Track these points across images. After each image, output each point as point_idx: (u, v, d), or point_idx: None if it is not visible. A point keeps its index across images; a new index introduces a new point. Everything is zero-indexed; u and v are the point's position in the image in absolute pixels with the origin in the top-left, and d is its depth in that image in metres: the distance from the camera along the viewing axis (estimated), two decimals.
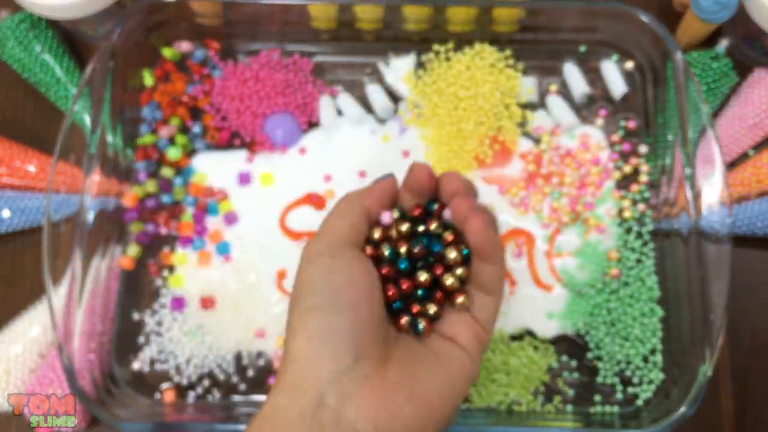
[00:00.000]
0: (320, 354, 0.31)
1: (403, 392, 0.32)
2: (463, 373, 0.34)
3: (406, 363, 0.33)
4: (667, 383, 0.50)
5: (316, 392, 0.30)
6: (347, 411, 0.30)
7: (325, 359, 0.31)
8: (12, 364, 0.51)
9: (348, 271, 0.34)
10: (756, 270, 0.55)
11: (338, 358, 0.31)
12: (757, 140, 0.56)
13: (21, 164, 0.55)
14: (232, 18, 0.56)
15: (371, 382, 0.31)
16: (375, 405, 0.31)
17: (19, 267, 0.55)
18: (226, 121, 0.56)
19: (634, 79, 0.57)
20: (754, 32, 0.55)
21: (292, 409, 0.30)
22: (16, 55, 0.56)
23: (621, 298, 0.51)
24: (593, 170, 0.54)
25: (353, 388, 0.31)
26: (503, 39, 0.58)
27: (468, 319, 0.36)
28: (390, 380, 0.32)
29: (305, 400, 0.30)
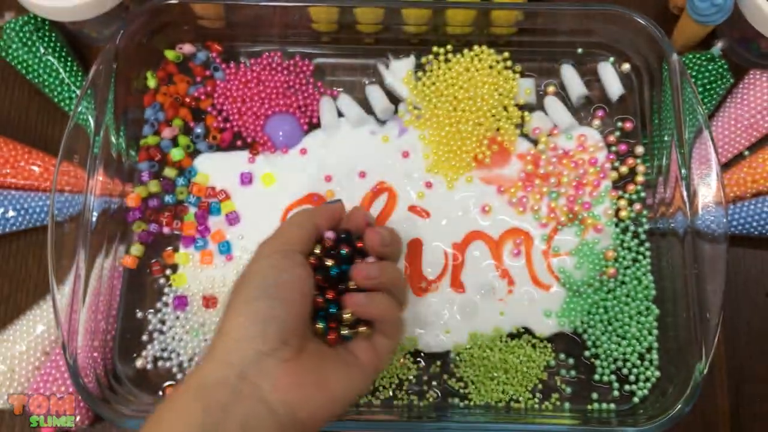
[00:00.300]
0: (254, 334, 0.36)
1: (312, 380, 0.37)
2: (359, 382, 0.40)
3: (316, 358, 0.39)
4: (664, 381, 0.50)
5: (240, 366, 0.35)
6: (264, 386, 0.35)
7: (257, 340, 0.36)
8: (16, 362, 0.51)
9: (292, 272, 0.39)
10: (751, 269, 0.56)
11: (267, 341, 0.36)
12: (752, 141, 0.57)
13: (25, 164, 0.56)
14: (233, 20, 0.57)
15: (288, 366, 0.36)
16: (288, 385, 0.36)
17: (24, 266, 0.56)
18: (228, 122, 0.57)
19: (630, 80, 0.58)
20: (749, 34, 0.55)
21: (218, 376, 0.35)
22: (20, 57, 0.57)
23: (618, 297, 0.52)
24: (590, 171, 0.55)
25: (273, 368, 0.36)
26: (501, 41, 0.58)
27: (368, 346, 0.42)
28: (303, 368, 0.37)
29: (230, 371, 0.35)
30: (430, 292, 0.53)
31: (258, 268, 0.40)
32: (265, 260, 0.40)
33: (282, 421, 0.35)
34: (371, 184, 0.55)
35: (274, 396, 0.35)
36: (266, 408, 0.35)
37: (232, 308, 0.38)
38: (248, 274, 0.40)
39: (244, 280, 0.40)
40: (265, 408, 0.35)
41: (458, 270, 0.53)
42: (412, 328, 0.52)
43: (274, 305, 0.37)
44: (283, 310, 0.37)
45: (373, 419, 0.49)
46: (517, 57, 0.58)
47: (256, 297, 0.38)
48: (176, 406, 0.35)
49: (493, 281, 0.53)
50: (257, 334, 0.36)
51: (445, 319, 0.52)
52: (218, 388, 0.35)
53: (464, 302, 0.52)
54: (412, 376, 0.51)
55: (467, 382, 0.51)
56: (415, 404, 0.51)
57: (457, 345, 0.51)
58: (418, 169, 0.56)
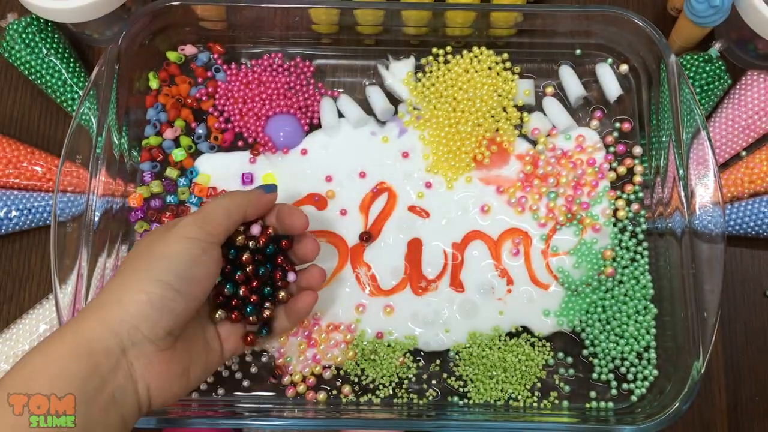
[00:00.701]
0: (147, 318, 0.38)
1: (177, 372, 0.40)
2: (213, 368, 0.45)
3: (187, 349, 0.41)
4: (662, 380, 0.51)
5: (126, 341, 0.37)
6: (137, 367, 0.38)
7: (148, 324, 0.38)
8: None
9: (206, 268, 0.41)
10: (748, 269, 0.56)
11: (156, 329, 0.38)
12: (749, 141, 0.57)
13: (28, 165, 0.56)
14: (235, 22, 0.57)
15: (163, 355, 0.39)
16: (156, 373, 0.38)
17: (27, 266, 0.56)
18: (230, 123, 0.57)
19: (628, 81, 0.58)
20: (747, 35, 0.56)
21: (105, 345, 0.37)
22: (23, 58, 0.57)
23: (616, 296, 0.52)
24: (589, 171, 0.55)
25: (150, 354, 0.38)
26: (501, 42, 0.59)
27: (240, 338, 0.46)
28: (173, 360, 0.40)
29: (116, 343, 0.37)
30: (430, 291, 0.53)
31: (175, 249, 0.40)
32: (184, 243, 0.40)
33: (140, 400, 0.38)
34: (371, 184, 0.56)
35: (142, 379, 0.38)
36: (133, 386, 0.38)
37: (137, 278, 0.39)
38: (164, 248, 0.40)
39: (157, 253, 0.40)
40: (132, 386, 0.38)
41: (458, 269, 0.54)
42: (411, 327, 0.52)
43: (176, 299, 0.39)
44: (182, 305, 0.39)
45: (373, 417, 0.49)
46: (516, 58, 0.58)
47: (162, 283, 0.38)
48: (60, 359, 0.36)
49: (492, 281, 0.53)
50: (150, 319, 0.38)
51: (445, 318, 0.52)
52: (103, 356, 0.36)
53: (463, 301, 0.53)
54: (411, 374, 0.51)
55: (466, 380, 0.51)
56: (414, 402, 0.51)
57: (457, 344, 0.52)
58: (417, 169, 0.56)
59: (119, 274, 0.40)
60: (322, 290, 0.52)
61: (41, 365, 0.36)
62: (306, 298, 0.48)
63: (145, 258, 0.40)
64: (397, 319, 0.52)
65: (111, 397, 0.36)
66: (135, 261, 0.40)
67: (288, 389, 0.51)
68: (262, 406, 0.50)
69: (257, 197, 0.45)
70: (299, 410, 0.49)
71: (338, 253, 0.54)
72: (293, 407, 0.50)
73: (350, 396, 0.51)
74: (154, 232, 0.42)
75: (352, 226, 0.55)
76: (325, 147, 0.57)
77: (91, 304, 0.39)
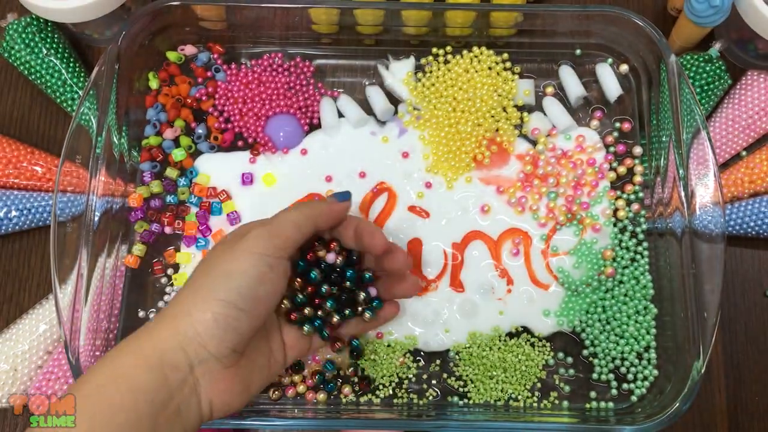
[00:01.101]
0: (214, 336, 0.38)
1: (240, 389, 0.40)
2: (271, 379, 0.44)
3: (249, 365, 0.41)
4: (662, 380, 0.51)
5: (194, 358, 0.38)
6: (202, 383, 0.38)
7: (214, 342, 0.38)
8: (19, 361, 0.52)
9: (272, 286, 0.40)
10: (748, 269, 0.56)
11: (222, 347, 0.38)
12: (749, 141, 0.57)
13: (28, 165, 0.56)
14: (235, 22, 0.57)
15: (227, 372, 0.39)
16: (220, 390, 0.39)
17: (27, 266, 0.56)
18: (230, 123, 0.57)
19: (628, 81, 0.58)
20: (747, 35, 0.56)
21: (176, 359, 0.37)
22: (23, 58, 0.57)
23: (616, 296, 0.52)
24: (589, 171, 0.55)
25: (215, 372, 0.38)
26: (501, 42, 0.59)
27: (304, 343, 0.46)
28: (237, 377, 0.40)
29: (185, 359, 0.37)
30: (430, 291, 0.53)
31: (242, 267, 0.39)
32: (250, 259, 0.39)
33: (202, 413, 0.38)
34: (371, 184, 0.56)
35: (205, 394, 0.38)
36: (197, 401, 0.38)
37: (203, 295, 0.38)
38: (231, 264, 0.39)
39: (223, 269, 0.39)
40: (196, 400, 0.38)
41: (458, 269, 0.54)
42: (411, 327, 0.52)
43: (241, 318, 0.38)
44: (247, 324, 0.39)
45: (373, 417, 0.49)
46: (516, 58, 0.58)
47: (227, 303, 0.38)
48: (132, 370, 0.36)
49: (492, 281, 0.53)
50: (216, 338, 0.38)
51: (445, 318, 0.52)
52: (172, 371, 0.37)
53: (463, 301, 0.53)
54: (411, 374, 0.51)
55: (466, 380, 0.51)
56: (414, 402, 0.51)
57: (457, 344, 0.52)
58: (417, 169, 0.56)
59: (189, 286, 0.40)
60: None
61: (113, 374, 0.36)
62: (390, 309, 0.48)
63: (212, 273, 0.39)
64: (397, 319, 0.52)
65: (176, 410, 0.37)
66: (203, 275, 0.40)
67: (288, 389, 0.51)
68: (261, 407, 0.50)
69: (329, 207, 0.44)
70: (299, 410, 0.49)
71: None
72: (293, 407, 0.50)
73: (350, 396, 0.51)
74: (224, 243, 0.42)
75: None
76: (325, 147, 0.57)
77: (162, 315, 0.39)
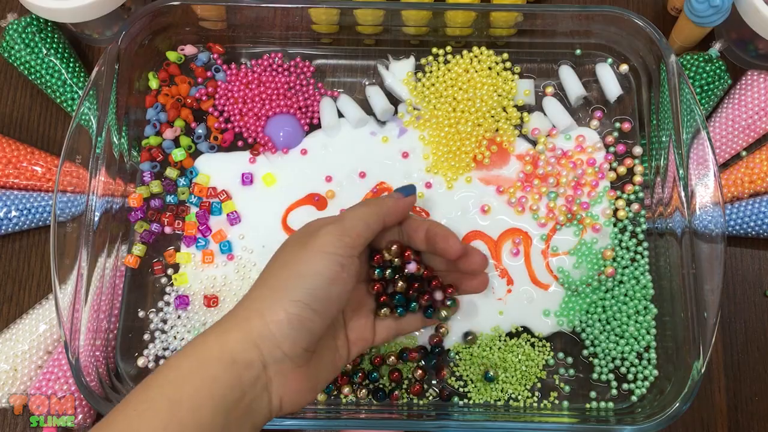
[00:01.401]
0: (287, 336, 0.38)
1: (310, 386, 0.40)
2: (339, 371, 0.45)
3: (319, 363, 0.41)
4: (662, 380, 0.51)
5: (266, 357, 0.38)
6: (274, 382, 0.38)
7: (287, 342, 0.38)
8: (19, 361, 0.52)
9: (343, 285, 0.40)
10: (748, 269, 0.56)
11: (295, 347, 0.38)
12: (749, 141, 0.57)
13: (28, 165, 0.56)
14: (235, 22, 0.57)
15: (299, 372, 0.39)
16: (291, 390, 0.39)
17: (27, 266, 0.56)
18: (230, 123, 0.57)
19: (628, 81, 0.58)
20: (747, 35, 0.56)
21: (248, 358, 0.37)
22: (23, 58, 0.57)
23: (616, 296, 0.52)
24: (589, 171, 0.55)
25: (287, 371, 0.38)
26: (501, 42, 0.59)
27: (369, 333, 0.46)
28: (307, 375, 0.40)
29: (258, 357, 0.37)
30: None
31: (315, 267, 0.39)
32: (323, 260, 0.39)
33: (272, 410, 0.39)
34: (371, 184, 0.56)
35: (276, 392, 0.38)
36: (267, 398, 0.38)
37: (278, 296, 0.39)
38: (303, 264, 0.39)
39: (296, 269, 0.39)
40: (267, 398, 0.38)
41: None
42: None
43: (314, 319, 0.39)
44: (319, 324, 0.39)
45: (373, 417, 0.49)
46: (516, 58, 0.58)
47: (301, 304, 0.38)
48: (207, 367, 0.36)
49: (492, 281, 0.53)
50: (289, 338, 0.38)
51: None
52: (247, 370, 0.37)
53: (463, 301, 0.53)
54: (411, 374, 0.51)
55: (466, 380, 0.51)
56: (414, 403, 0.51)
57: (457, 344, 0.52)
58: (417, 169, 0.56)
59: (262, 284, 0.40)
60: None
61: (189, 370, 0.36)
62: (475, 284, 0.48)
63: (285, 273, 0.40)
64: None
65: (248, 408, 0.37)
66: (275, 275, 0.40)
67: None
68: None
69: (395, 203, 0.44)
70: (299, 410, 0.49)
71: None
72: None
73: (350, 396, 0.51)
74: (295, 241, 0.42)
75: None
76: (325, 147, 0.57)
77: (235, 314, 0.39)
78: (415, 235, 0.46)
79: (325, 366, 0.42)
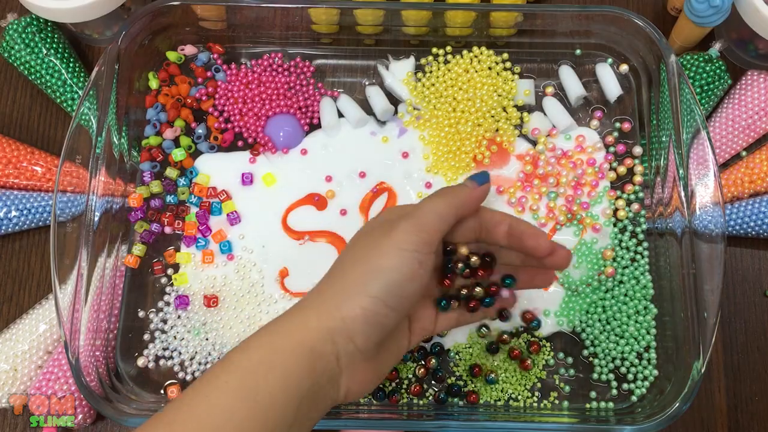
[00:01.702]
0: (362, 332, 0.38)
1: (374, 378, 0.41)
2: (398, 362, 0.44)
3: (385, 354, 0.42)
4: (662, 380, 0.51)
5: (340, 350, 0.38)
6: (344, 374, 0.38)
7: (361, 337, 0.38)
8: (19, 361, 0.51)
9: (419, 282, 0.39)
10: (748, 269, 0.56)
11: (368, 342, 0.38)
12: (749, 141, 0.57)
13: (28, 165, 0.56)
14: (235, 22, 0.57)
15: (367, 365, 0.40)
16: (358, 379, 0.39)
17: (27, 266, 0.56)
18: (230, 123, 0.57)
19: (628, 81, 0.58)
20: (747, 35, 0.56)
21: (324, 349, 0.37)
22: (23, 58, 0.57)
23: (616, 296, 0.52)
24: (589, 171, 0.55)
25: (357, 364, 0.39)
26: (501, 42, 0.59)
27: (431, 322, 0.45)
28: (374, 367, 0.40)
29: (332, 349, 0.38)
30: None
31: (392, 263, 0.39)
32: (401, 257, 0.39)
33: (337, 399, 0.39)
34: (371, 184, 0.56)
35: (344, 383, 0.39)
36: (335, 388, 0.39)
37: (355, 290, 0.38)
38: (381, 260, 0.39)
39: (373, 264, 0.39)
40: (335, 388, 0.39)
41: None
42: None
43: (389, 315, 0.38)
44: (394, 321, 0.39)
45: (373, 418, 0.49)
46: (516, 58, 0.58)
47: (378, 300, 0.38)
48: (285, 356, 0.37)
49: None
50: (365, 333, 0.38)
51: None
52: (320, 361, 0.37)
53: None
54: (411, 374, 0.51)
55: (467, 380, 0.51)
56: (414, 403, 0.51)
57: (457, 344, 0.52)
58: (417, 169, 0.56)
59: (337, 276, 0.40)
60: None
61: (267, 358, 0.37)
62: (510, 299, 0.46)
63: (360, 268, 0.39)
64: None
65: (317, 396, 0.38)
66: (352, 268, 0.40)
67: None
68: None
69: (470, 194, 0.42)
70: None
71: (338, 253, 0.54)
72: None
73: None
74: (370, 235, 0.41)
75: (352, 226, 0.55)
76: (325, 147, 0.57)
77: (310, 304, 0.39)
78: (496, 229, 0.44)
79: (389, 356, 0.42)
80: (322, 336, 0.37)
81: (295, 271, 0.54)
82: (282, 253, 0.54)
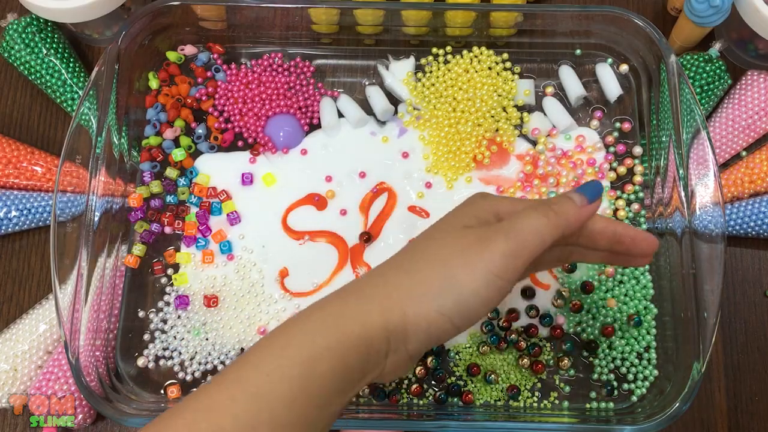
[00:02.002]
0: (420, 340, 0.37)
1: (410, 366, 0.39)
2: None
3: None
4: (662, 380, 0.51)
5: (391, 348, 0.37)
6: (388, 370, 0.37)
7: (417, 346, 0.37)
8: (19, 361, 0.52)
9: (491, 307, 0.37)
10: (748, 269, 0.56)
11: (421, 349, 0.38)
12: (749, 141, 0.57)
13: (28, 165, 0.56)
14: (235, 22, 0.57)
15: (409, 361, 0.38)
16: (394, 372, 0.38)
17: (27, 266, 0.56)
18: (230, 123, 0.57)
19: (628, 81, 0.58)
20: (747, 35, 0.56)
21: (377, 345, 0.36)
22: (23, 58, 0.57)
23: (616, 296, 0.52)
24: (589, 171, 0.55)
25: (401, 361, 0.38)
26: (501, 42, 0.59)
27: None
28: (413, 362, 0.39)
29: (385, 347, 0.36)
30: None
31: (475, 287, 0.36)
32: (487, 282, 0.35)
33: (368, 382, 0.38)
34: (371, 184, 0.56)
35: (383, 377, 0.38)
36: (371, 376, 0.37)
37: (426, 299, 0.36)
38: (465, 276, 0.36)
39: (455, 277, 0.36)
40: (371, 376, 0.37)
41: None
42: None
43: (451, 333, 0.37)
44: (452, 336, 0.38)
45: (373, 418, 0.49)
46: (516, 58, 0.58)
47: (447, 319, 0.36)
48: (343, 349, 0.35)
49: None
50: (422, 343, 0.37)
51: None
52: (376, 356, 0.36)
53: None
54: (411, 374, 0.51)
55: (467, 380, 0.51)
56: (414, 403, 0.51)
57: (457, 344, 0.52)
58: (417, 169, 0.56)
59: (412, 266, 0.37)
60: (320, 290, 0.52)
61: (326, 349, 0.35)
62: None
63: (440, 271, 0.36)
64: None
65: (357, 383, 0.37)
66: (428, 266, 0.37)
67: None
68: None
69: (578, 214, 0.37)
70: None
71: (338, 253, 0.54)
72: None
73: None
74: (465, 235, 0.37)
75: (352, 226, 0.55)
76: (325, 147, 0.57)
77: (374, 288, 0.37)
78: (599, 237, 0.40)
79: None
80: (381, 335, 0.36)
81: (295, 271, 0.54)
82: (282, 253, 0.54)
